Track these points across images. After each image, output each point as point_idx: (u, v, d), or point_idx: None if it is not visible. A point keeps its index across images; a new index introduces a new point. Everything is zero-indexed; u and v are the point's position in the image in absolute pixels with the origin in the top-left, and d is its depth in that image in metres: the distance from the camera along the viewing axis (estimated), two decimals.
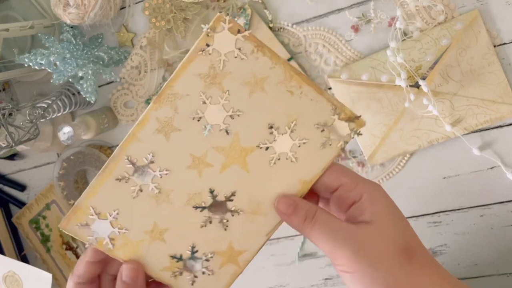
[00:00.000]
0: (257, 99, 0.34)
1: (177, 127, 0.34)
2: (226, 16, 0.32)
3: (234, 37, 0.32)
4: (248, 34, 0.32)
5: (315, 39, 0.62)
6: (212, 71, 0.33)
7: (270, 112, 0.34)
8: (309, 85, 0.34)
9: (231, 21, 0.32)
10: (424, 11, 0.58)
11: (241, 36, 0.32)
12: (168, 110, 0.34)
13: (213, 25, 0.32)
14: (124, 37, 0.69)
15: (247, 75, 0.33)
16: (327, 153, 0.35)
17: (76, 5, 0.61)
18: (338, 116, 0.34)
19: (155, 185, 0.35)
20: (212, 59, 0.33)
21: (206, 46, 0.32)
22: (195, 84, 0.33)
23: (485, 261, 0.65)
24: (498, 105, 0.57)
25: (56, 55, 0.62)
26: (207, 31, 0.32)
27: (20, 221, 0.85)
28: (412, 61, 0.58)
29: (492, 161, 0.60)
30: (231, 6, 0.64)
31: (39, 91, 0.75)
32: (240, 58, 0.33)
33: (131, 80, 0.71)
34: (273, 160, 0.35)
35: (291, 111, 0.34)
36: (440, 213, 0.64)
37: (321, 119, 0.35)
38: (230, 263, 0.38)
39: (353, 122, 0.35)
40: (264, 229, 0.37)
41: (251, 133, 0.34)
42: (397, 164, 0.63)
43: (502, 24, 0.56)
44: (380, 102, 0.61)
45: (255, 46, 0.33)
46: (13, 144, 0.60)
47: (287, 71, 0.33)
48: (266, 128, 0.34)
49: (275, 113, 0.34)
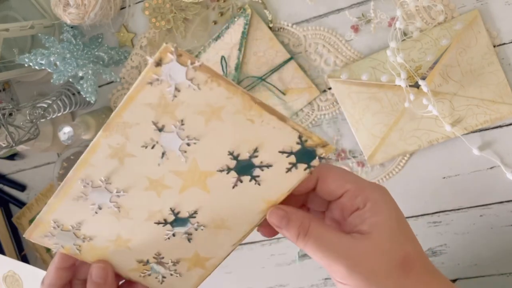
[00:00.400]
0: (214, 127, 0.32)
1: (130, 153, 0.33)
2: (173, 47, 0.29)
3: (184, 68, 0.30)
4: (199, 66, 0.30)
5: (315, 39, 0.63)
6: (163, 101, 0.31)
7: (229, 139, 0.33)
8: (271, 114, 0.32)
9: (180, 52, 0.29)
10: (424, 11, 0.58)
11: (192, 67, 0.30)
12: (119, 137, 0.32)
13: (159, 56, 0.29)
14: (124, 37, 0.69)
15: (201, 104, 0.31)
16: (293, 176, 0.34)
17: (76, 5, 0.61)
18: (304, 143, 0.33)
19: (113, 204, 0.35)
20: (162, 90, 0.30)
21: (155, 77, 0.30)
22: (145, 113, 0.31)
23: (485, 261, 0.65)
24: (498, 105, 0.57)
25: (56, 55, 0.62)
26: (153, 62, 0.30)
27: (20, 221, 0.85)
28: (412, 61, 0.58)
29: (492, 161, 0.60)
30: (231, 6, 0.64)
31: (39, 91, 0.75)
32: (193, 89, 0.30)
33: (131, 80, 0.71)
34: (235, 183, 0.34)
35: (253, 138, 0.33)
36: (440, 213, 0.64)
37: (285, 145, 0.33)
38: (198, 267, 0.38)
39: (322, 148, 0.33)
40: (230, 240, 0.37)
41: (210, 159, 0.33)
42: (397, 164, 0.63)
43: (502, 24, 0.56)
44: (380, 102, 0.61)
45: (208, 77, 0.30)
46: (13, 144, 0.60)
47: (245, 101, 0.31)
48: (226, 154, 0.33)
49: (235, 140, 0.33)
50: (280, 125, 0.32)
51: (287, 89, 0.64)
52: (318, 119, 0.65)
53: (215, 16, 0.65)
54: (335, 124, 0.65)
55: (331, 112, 0.64)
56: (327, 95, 0.64)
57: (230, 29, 0.64)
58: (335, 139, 0.65)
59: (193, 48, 0.66)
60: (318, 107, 0.65)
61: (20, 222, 0.85)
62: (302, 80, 0.63)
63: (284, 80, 0.64)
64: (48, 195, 0.81)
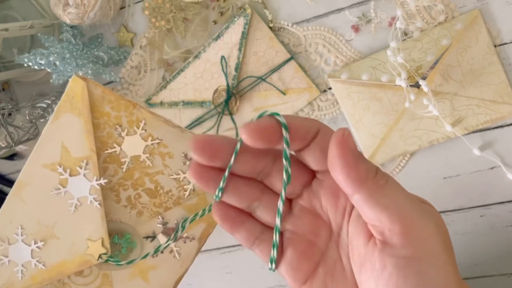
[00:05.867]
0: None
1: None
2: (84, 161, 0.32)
3: (89, 183, 0.32)
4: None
5: (315, 39, 0.62)
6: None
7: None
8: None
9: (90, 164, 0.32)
10: (425, 11, 0.58)
11: (97, 183, 0.33)
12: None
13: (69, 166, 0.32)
14: (124, 37, 0.69)
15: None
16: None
17: (76, 5, 0.61)
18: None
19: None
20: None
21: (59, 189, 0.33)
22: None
23: (485, 261, 0.65)
24: (499, 105, 0.57)
25: (56, 55, 0.62)
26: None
27: None
28: (413, 61, 0.58)
29: (492, 161, 0.60)
30: (231, 6, 0.64)
31: (39, 91, 0.75)
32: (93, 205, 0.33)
33: (130, 80, 0.71)
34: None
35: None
36: (441, 213, 0.64)
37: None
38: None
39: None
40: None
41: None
42: (397, 164, 0.63)
43: (502, 24, 0.56)
44: (380, 102, 0.61)
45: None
46: (12, 144, 0.60)
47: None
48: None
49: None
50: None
51: (287, 89, 0.64)
52: (318, 119, 0.65)
53: (215, 16, 0.65)
54: (335, 124, 0.65)
55: (331, 112, 0.64)
56: (327, 95, 0.64)
57: (230, 29, 0.64)
58: None
59: (193, 48, 0.66)
60: (318, 107, 0.65)
61: None
62: (302, 80, 0.63)
63: (284, 80, 0.64)
64: None
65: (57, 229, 0.33)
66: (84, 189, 0.32)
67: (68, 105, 0.31)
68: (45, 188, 0.33)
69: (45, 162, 0.32)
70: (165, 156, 0.34)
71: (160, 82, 0.69)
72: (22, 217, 0.33)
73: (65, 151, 0.32)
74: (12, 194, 0.34)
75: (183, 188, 0.35)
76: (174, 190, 0.35)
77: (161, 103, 0.69)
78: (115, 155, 0.33)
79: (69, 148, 0.31)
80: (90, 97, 0.30)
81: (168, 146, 0.34)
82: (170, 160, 0.34)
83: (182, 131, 0.34)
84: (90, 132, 0.31)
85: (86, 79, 0.31)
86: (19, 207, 0.33)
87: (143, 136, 0.33)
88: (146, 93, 0.70)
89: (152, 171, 0.34)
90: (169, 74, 0.69)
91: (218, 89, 0.65)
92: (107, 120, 0.32)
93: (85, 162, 0.32)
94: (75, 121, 0.31)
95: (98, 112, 0.31)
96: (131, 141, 0.33)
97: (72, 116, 0.31)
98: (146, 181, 0.34)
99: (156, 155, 0.34)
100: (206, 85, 0.66)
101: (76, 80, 0.31)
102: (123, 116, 0.32)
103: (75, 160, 0.32)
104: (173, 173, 0.34)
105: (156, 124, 0.33)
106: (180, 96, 0.68)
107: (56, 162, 0.32)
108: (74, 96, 0.30)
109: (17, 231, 0.33)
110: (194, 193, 0.35)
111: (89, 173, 0.32)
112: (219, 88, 0.65)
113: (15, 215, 0.33)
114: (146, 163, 0.33)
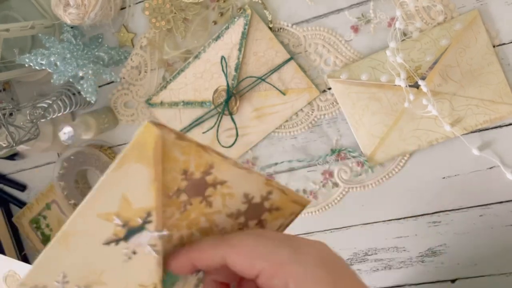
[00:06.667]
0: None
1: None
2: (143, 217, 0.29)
3: (150, 235, 0.29)
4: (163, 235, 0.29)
5: (315, 40, 0.63)
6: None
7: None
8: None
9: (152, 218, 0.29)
10: (424, 11, 0.58)
11: (158, 235, 0.29)
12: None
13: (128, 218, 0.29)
14: (124, 37, 0.69)
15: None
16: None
17: (77, 5, 0.61)
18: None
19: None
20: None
21: (113, 238, 0.29)
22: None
23: (485, 260, 0.65)
24: (498, 105, 0.57)
25: (57, 55, 0.62)
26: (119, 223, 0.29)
27: (21, 220, 0.85)
28: (412, 61, 0.58)
29: (491, 161, 0.60)
30: (231, 7, 0.64)
31: (40, 91, 0.76)
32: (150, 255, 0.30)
33: (131, 80, 0.71)
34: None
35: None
36: (440, 213, 0.64)
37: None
38: None
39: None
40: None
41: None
42: (397, 164, 0.63)
43: (501, 24, 0.56)
44: (379, 102, 0.61)
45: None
46: (13, 144, 0.61)
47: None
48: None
49: None
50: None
51: (287, 89, 0.64)
52: (318, 119, 0.65)
53: (215, 16, 0.65)
54: (335, 124, 0.65)
55: (331, 112, 0.64)
56: (327, 95, 0.64)
57: (230, 29, 0.64)
58: (335, 139, 0.65)
59: (193, 48, 0.67)
60: (318, 107, 0.65)
61: (21, 222, 0.86)
62: (302, 80, 0.63)
63: (284, 80, 0.64)
64: (48, 195, 0.82)
65: (106, 276, 0.31)
66: (143, 240, 0.30)
67: (136, 153, 0.27)
68: (96, 238, 0.30)
69: (100, 211, 0.29)
70: (226, 197, 0.32)
71: (160, 82, 0.69)
72: (65, 265, 0.30)
73: (125, 202, 0.29)
74: (55, 241, 0.30)
75: (237, 223, 0.33)
76: (229, 227, 0.33)
77: (161, 103, 0.69)
78: (175, 198, 0.30)
79: (130, 198, 0.29)
80: (162, 144, 0.27)
81: (232, 187, 0.32)
82: (230, 200, 0.32)
83: (249, 172, 0.32)
84: (158, 183, 0.28)
85: (162, 127, 0.28)
86: (63, 255, 0.30)
87: (208, 179, 0.31)
88: (146, 93, 0.70)
89: (210, 211, 0.32)
90: (169, 74, 0.69)
91: (218, 89, 0.65)
92: (174, 166, 0.29)
93: (148, 213, 0.29)
94: (142, 172, 0.28)
95: (166, 157, 0.28)
96: (195, 184, 0.31)
97: (140, 166, 0.28)
98: (201, 220, 0.32)
99: (218, 196, 0.32)
100: (206, 85, 0.66)
101: (149, 128, 0.27)
102: (191, 160, 0.30)
103: (136, 211, 0.29)
104: (230, 212, 0.33)
105: (225, 167, 0.31)
106: (180, 96, 0.68)
107: (113, 213, 0.29)
108: (144, 144, 0.27)
109: (58, 279, 0.30)
110: (247, 229, 0.34)
111: (151, 224, 0.29)
112: (219, 88, 0.65)
113: (57, 263, 0.30)
114: (206, 204, 0.32)
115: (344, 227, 0.69)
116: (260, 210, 0.33)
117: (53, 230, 0.83)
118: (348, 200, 0.67)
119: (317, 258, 0.27)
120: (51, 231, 0.84)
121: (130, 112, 0.72)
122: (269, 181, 0.33)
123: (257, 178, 0.32)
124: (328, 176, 0.67)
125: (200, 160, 0.30)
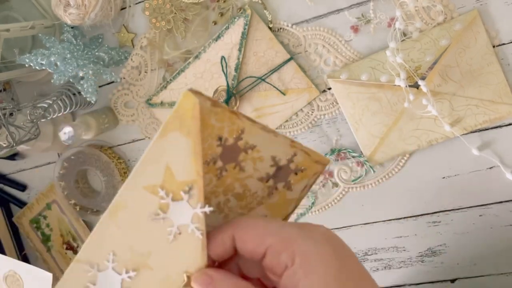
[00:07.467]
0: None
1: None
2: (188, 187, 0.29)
3: (192, 211, 0.29)
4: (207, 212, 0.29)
5: (315, 40, 0.63)
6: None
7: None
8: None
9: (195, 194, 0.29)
10: (424, 12, 0.58)
11: (201, 211, 0.29)
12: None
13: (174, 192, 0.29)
14: (125, 38, 0.69)
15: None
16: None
17: (77, 5, 0.61)
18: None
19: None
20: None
21: (161, 215, 0.29)
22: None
23: (484, 260, 0.65)
24: (497, 105, 0.58)
25: (57, 55, 0.62)
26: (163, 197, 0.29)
27: (21, 220, 0.85)
28: (412, 61, 0.58)
29: (491, 161, 0.60)
30: (231, 7, 0.64)
31: (40, 91, 0.76)
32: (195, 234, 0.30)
33: (131, 80, 0.71)
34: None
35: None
36: (440, 212, 0.64)
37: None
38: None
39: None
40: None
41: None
42: (397, 164, 0.64)
43: (501, 24, 0.56)
44: (379, 102, 0.61)
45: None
46: (13, 144, 0.61)
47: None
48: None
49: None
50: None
51: (287, 89, 0.64)
52: (318, 119, 0.65)
53: (215, 17, 0.65)
54: (334, 124, 0.65)
55: (330, 112, 0.64)
56: (327, 95, 0.64)
57: (230, 30, 0.64)
58: (335, 139, 0.65)
59: (193, 48, 0.67)
60: (318, 107, 0.65)
61: (21, 222, 0.86)
62: (302, 80, 0.63)
63: (284, 80, 0.64)
64: (48, 195, 0.82)
65: (152, 259, 0.31)
66: (186, 217, 0.29)
67: (177, 122, 0.28)
68: (143, 213, 0.30)
69: (146, 183, 0.29)
70: (256, 161, 0.33)
71: (160, 82, 0.69)
72: (114, 243, 0.30)
73: (169, 173, 0.29)
74: (106, 216, 0.30)
75: (267, 187, 0.34)
76: (260, 191, 0.34)
77: (162, 103, 0.69)
78: (212, 165, 0.31)
79: (173, 170, 0.29)
80: (200, 112, 0.28)
81: (261, 151, 0.32)
82: (260, 164, 0.33)
83: (275, 135, 0.33)
84: (198, 154, 0.28)
85: (199, 94, 0.28)
86: (112, 231, 0.30)
87: (240, 144, 0.31)
88: (146, 93, 0.70)
89: (243, 176, 0.33)
90: (169, 74, 0.69)
91: (218, 89, 0.65)
92: (210, 132, 0.30)
93: (190, 186, 0.29)
94: (183, 141, 0.28)
95: (204, 125, 0.28)
96: (229, 150, 0.31)
97: (180, 135, 0.28)
98: (236, 186, 0.33)
99: (249, 160, 0.32)
100: (206, 85, 0.66)
101: (188, 96, 0.28)
102: (225, 127, 0.30)
103: (179, 184, 0.29)
104: (261, 176, 0.33)
105: (255, 132, 0.32)
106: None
107: (158, 185, 0.29)
108: (184, 113, 0.27)
109: (108, 258, 0.30)
110: (276, 191, 0.34)
111: (193, 199, 0.29)
112: (219, 88, 0.65)
113: (107, 240, 0.30)
114: (239, 169, 0.32)
115: (344, 227, 0.69)
116: (287, 172, 0.34)
117: (53, 230, 0.83)
118: (348, 200, 0.67)
119: (324, 236, 0.29)
120: (51, 231, 0.84)
121: (130, 112, 0.72)
122: (293, 142, 0.33)
123: (283, 141, 0.33)
124: (328, 176, 0.67)
125: (232, 126, 0.31)
